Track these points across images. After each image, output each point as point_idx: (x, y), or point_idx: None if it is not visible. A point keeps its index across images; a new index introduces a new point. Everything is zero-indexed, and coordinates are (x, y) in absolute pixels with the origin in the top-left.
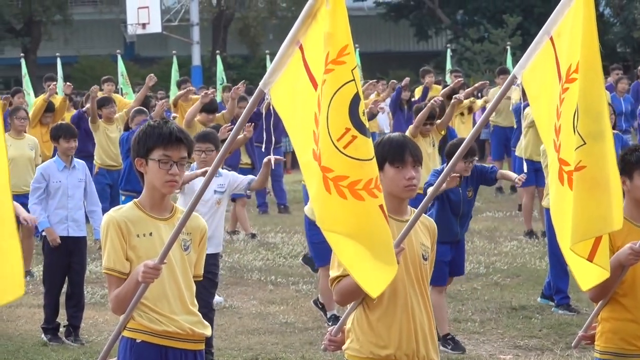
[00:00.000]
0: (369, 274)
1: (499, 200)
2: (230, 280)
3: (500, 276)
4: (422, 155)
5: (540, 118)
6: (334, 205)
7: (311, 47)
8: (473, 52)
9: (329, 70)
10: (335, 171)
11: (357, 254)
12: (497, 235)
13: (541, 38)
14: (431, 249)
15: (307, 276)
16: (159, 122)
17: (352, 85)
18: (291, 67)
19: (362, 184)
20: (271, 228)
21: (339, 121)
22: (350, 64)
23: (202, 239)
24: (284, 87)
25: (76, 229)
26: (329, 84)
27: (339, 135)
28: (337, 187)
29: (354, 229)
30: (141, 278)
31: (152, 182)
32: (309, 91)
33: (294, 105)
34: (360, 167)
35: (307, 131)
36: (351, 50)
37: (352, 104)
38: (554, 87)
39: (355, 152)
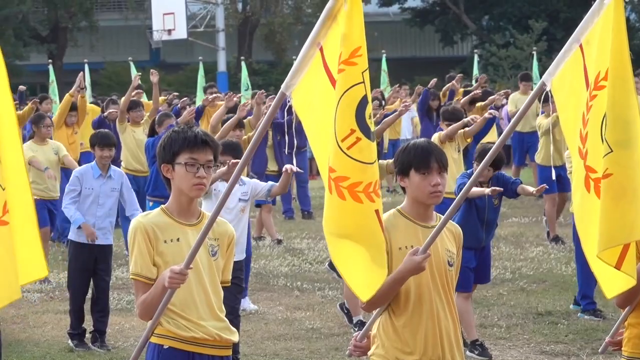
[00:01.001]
0: (360, 278)
1: (525, 205)
2: (256, 286)
3: (527, 282)
4: (447, 161)
5: (567, 125)
6: (333, 205)
7: (331, 49)
8: (499, 58)
9: (341, 70)
10: (337, 171)
11: (351, 257)
12: (523, 241)
13: (570, 46)
14: (457, 254)
15: (333, 282)
16: (184, 127)
17: (361, 87)
18: (312, 69)
19: (362, 187)
20: (297, 234)
21: (345, 122)
22: (361, 66)
23: (230, 245)
24: (305, 89)
25: (102, 238)
26: (339, 84)
27: (343, 135)
28: (337, 188)
29: (351, 230)
30: (167, 283)
31: (180, 187)
32: (329, 92)
33: (314, 107)
34: (362, 169)
35: (327, 132)
36: (364, 53)
37: (360, 106)
38: (581, 94)
39: (359, 154)
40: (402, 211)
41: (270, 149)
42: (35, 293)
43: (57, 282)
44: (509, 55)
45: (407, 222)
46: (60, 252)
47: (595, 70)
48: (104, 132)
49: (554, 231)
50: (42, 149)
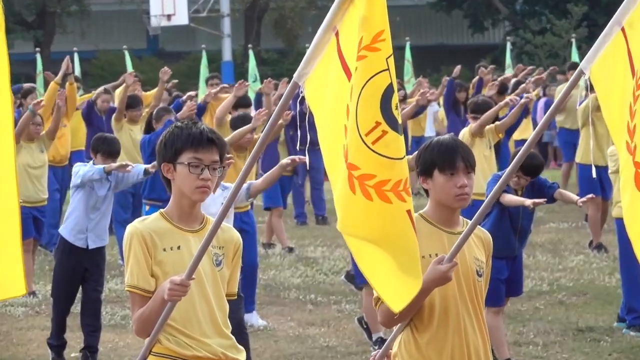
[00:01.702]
0: (392, 285)
1: (564, 209)
2: (265, 299)
3: (565, 294)
4: (474, 160)
5: (611, 117)
6: (358, 206)
7: (347, 34)
8: (534, 46)
9: (362, 56)
10: (361, 169)
11: (380, 262)
12: (561, 249)
13: (611, 29)
14: (486, 264)
15: (350, 295)
16: (188, 123)
17: (385, 75)
18: (327, 56)
19: (391, 185)
20: (310, 241)
21: (369, 114)
22: (385, 51)
23: (237, 253)
24: (319, 78)
25: (96, 240)
26: (360, 72)
27: (367, 129)
28: (362, 187)
29: (379, 234)
30: (167, 296)
31: (181, 189)
32: (342, 82)
33: (325, 98)
34: (390, 166)
35: (337, 126)
36: (387, 37)
37: (385, 95)
38: (626, 83)
39: (385, 149)
40: (425, 216)
41: (283, 145)
42: (20, 307)
43: (44, 294)
44: (546, 43)
45: (430, 227)
46: (48, 262)
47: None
48: (110, 139)
49: (598, 238)
50: (30, 147)
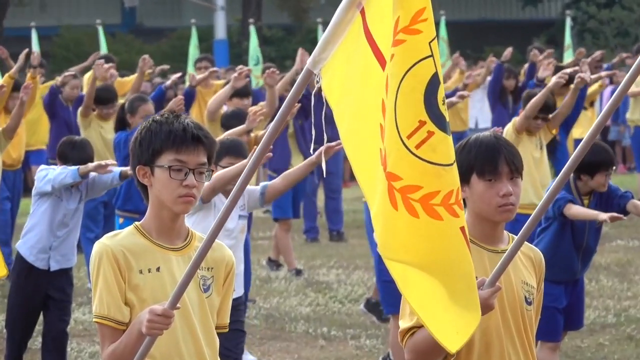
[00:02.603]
0: (445, 320)
1: (635, 224)
2: (266, 333)
3: (635, 328)
4: (522, 163)
5: None
6: (401, 225)
7: (376, 11)
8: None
9: (399, 41)
10: (404, 179)
11: (431, 293)
12: (631, 272)
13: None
14: (537, 289)
15: (372, 327)
16: (168, 116)
17: (429, 62)
18: (349, 39)
19: (440, 198)
20: (323, 262)
21: (411, 112)
22: (428, 34)
23: (229, 276)
24: (339, 66)
25: (60, 261)
26: (398, 60)
27: (410, 130)
28: (405, 201)
29: (428, 258)
30: (146, 329)
31: (161, 198)
32: (374, 71)
33: (350, 90)
34: (438, 174)
35: (371, 126)
36: (429, 16)
37: (429, 88)
38: None
39: (432, 154)
40: None
41: (293, 137)
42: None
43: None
44: (613, 18)
45: None
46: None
47: None
48: (80, 143)
49: None
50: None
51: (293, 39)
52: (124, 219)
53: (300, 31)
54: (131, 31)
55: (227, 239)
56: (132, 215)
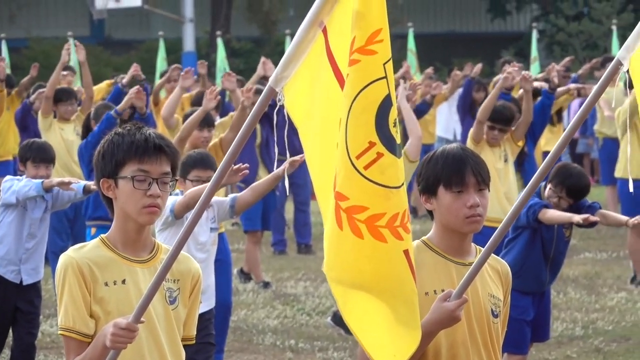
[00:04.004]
0: (384, 342)
1: (603, 236)
2: (234, 345)
3: (603, 340)
4: (489, 174)
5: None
6: (345, 245)
7: (337, 31)
8: (567, 34)
9: (354, 61)
10: (351, 199)
11: (371, 314)
12: (599, 285)
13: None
14: (504, 302)
15: (339, 340)
16: (130, 128)
17: (382, 84)
18: (311, 57)
19: (386, 220)
20: (291, 274)
21: (362, 132)
22: (382, 55)
23: (195, 288)
24: (302, 84)
25: (31, 274)
26: (352, 80)
27: (359, 150)
28: (351, 222)
29: (371, 279)
30: (110, 342)
31: (125, 210)
32: (334, 90)
33: (312, 108)
34: (385, 196)
35: (330, 144)
36: (385, 37)
37: (381, 109)
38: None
39: (380, 176)
40: (429, 243)
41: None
42: None
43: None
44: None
45: (436, 257)
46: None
47: None
48: (41, 143)
49: None
50: None
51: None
52: (95, 228)
53: (269, 43)
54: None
55: (200, 252)
56: (104, 223)
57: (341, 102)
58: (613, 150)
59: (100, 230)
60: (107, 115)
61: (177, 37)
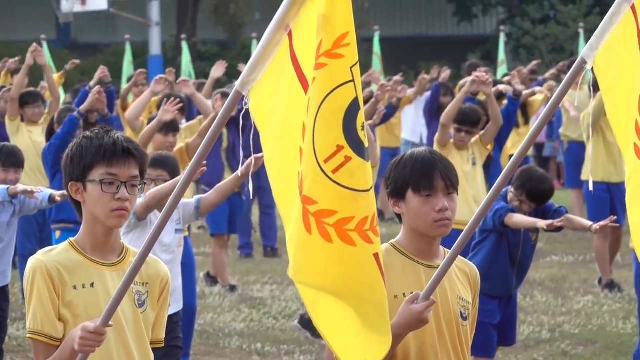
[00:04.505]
0: (354, 346)
1: (569, 239)
2: (200, 349)
3: (570, 343)
4: (457, 178)
5: (616, 116)
6: (314, 249)
7: (302, 34)
8: (534, 38)
9: (321, 65)
10: (319, 203)
11: (341, 318)
12: (565, 288)
13: (619, 7)
14: (472, 304)
15: (306, 343)
16: (98, 132)
17: (350, 87)
18: (277, 61)
19: (354, 224)
20: (257, 278)
21: (330, 136)
22: (349, 59)
23: (164, 291)
24: (268, 88)
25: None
26: (319, 83)
27: (327, 154)
28: (320, 226)
29: (340, 283)
30: (78, 346)
31: (94, 213)
32: (297, 94)
33: (275, 112)
34: (353, 200)
35: (291, 149)
36: (352, 41)
37: (349, 113)
38: (635, 74)
39: (349, 180)
40: (398, 246)
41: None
42: None
43: None
44: (548, 34)
45: (404, 260)
46: None
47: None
48: (10, 147)
49: (608, 275)
50: None
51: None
52: (60, 231)
53: (235, 47)
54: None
55: (165, 254)
56: (67, 225)
57: (304, 106)
58: (578, 153)
59: (64, 233)
60: (70, 116)
61: (144, 40)
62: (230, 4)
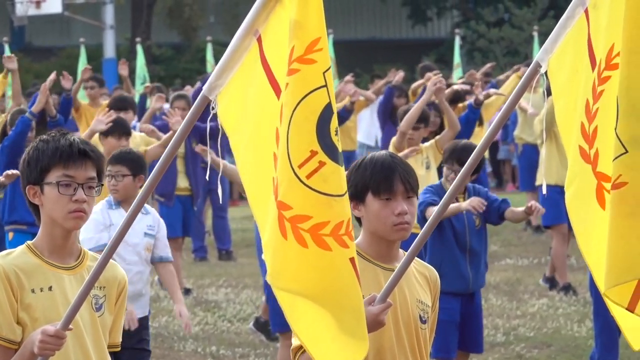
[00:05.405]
0: (332, 350)
1: (524, 242)
2: (155, 352)
3: (525, 346)
4: (417, 182)
5: (565, 119)
6: (290, 254)
7: (273, 39)
8: (488, 41)
9: (294, 70)
10: (294, 209)
11: (318, 323)
12: (520, 291)
13: (574, 11)
14: (432, 308)
15: (261, 346)
16: (55, 135)
17: (323, 92)
18: (246, 66)
19: (330, 229)
20: (212, 281)
21: (303, 141)
22: (322, 64)
23: (121, 295)
24: (236, 93)
25: None
26: (292, 89)
27: (301, 160)
28: (295, 231)
29: (317, 288)
30: (38, 349)
31: (52, 216)
32: (269, 99)
33: (246, 118)
34: (328, 205)
35: (264, 154)
36: (324, 46)
37: (322, 118)
38: (583, 76)
39: (323, 185)
40: (357, 249)
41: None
42: None
43: None
44: (503, 37)
45: (364, 263)
46: None
47: (607, 42)
48: None
49: (565, 278)
50: None
51: (182, 58)
52: (13, 233)
53: (190, 50)
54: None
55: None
56: (19, 227)
57: (277, 111)
58: (532, 156)
59: (17, 234)
60: (22, 118)
61: (98, 43)
62: (185, 8)
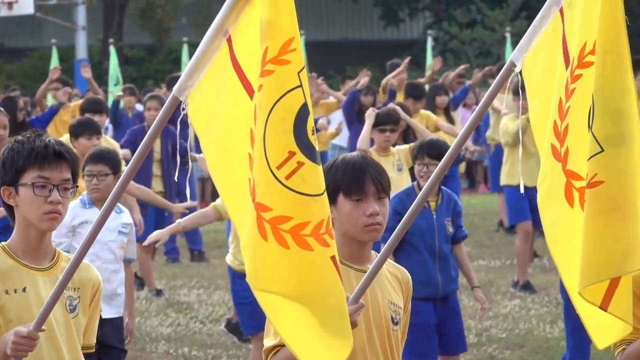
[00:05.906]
0: (316, 350)
1: (496, 243)
2: (127, 353)
3: (497, 347)
4: (389, 183)
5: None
6: (271, 256)
7: (243, 39)
8: (461, 42)
9: (268, 72)
10: (274, 210)
11: (301, 323)
12: (492, 292)
13: (549, 10)
14: (404, 309)
15: (233, 348)
16: (30, 136)
17: (298, 92)
18: (216, 67)
19: (310, 229)
20: (184, 282)
21: (281, 142)
22: (296, 64)
23: (95, 296)
24: (206, 94)
25: None
26: (267, 90)
27: (280, 161)
28: (276, 232)
29: (299, 288)
30: (11, 351)
31: (27, 217)
32: (241, 99)
33: (217, 119)
34: (308, 205)
35: (239, 155)
36: (298, 46)
37: (299, 118)
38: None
39: (302, 185)
40: None
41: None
42: None
43: None
44: (475, 39)
45: None
46: None
47: (581, 40)
48: None
49: (525, 276)
50: None
51: (154, 59)
52: None
53: (162, 51)
54: None
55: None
56: None
57: (250, 112)
58: None
59: None
60: None
61: (70, 44)
62: (157, 9)
